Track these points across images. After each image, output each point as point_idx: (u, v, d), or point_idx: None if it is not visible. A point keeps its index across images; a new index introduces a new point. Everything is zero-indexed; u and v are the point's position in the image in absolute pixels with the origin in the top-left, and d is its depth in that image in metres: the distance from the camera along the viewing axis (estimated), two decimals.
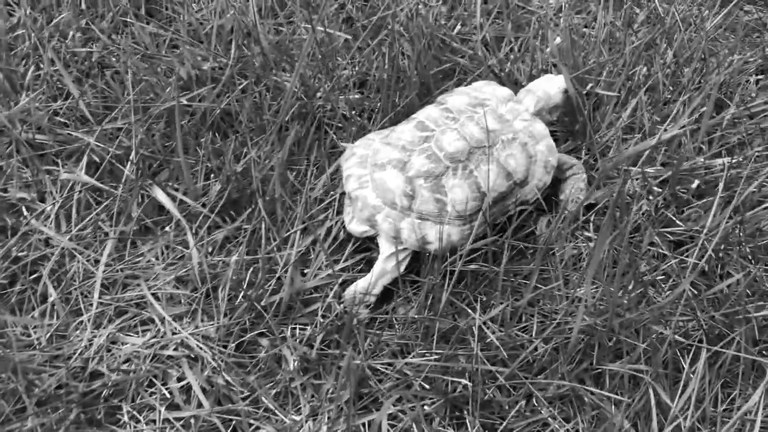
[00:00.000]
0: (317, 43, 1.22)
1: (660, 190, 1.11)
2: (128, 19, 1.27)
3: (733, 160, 1.11)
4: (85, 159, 1.11)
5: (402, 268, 1.03)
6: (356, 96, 1.22)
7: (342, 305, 1.01)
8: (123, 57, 1.19)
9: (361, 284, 1.01)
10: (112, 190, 1.08)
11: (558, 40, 1.30)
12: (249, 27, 1.27)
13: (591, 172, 1.14)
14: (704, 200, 1.10)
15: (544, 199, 1.09)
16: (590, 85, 1.21)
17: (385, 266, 1.02)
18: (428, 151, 1.04)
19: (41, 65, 1.21)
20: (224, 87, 1.20)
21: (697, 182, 1.09)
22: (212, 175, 1.12)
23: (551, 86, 1.16)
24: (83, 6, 1.30)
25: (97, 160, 1.12)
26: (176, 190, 1.10)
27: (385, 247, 1.03)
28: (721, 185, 1.05)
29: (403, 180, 1.02)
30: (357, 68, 1.26)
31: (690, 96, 1.19)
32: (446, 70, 1.27)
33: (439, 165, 1.03)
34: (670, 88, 1.24)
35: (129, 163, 1.09)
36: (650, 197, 1.10)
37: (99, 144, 1.11)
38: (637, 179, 1.11)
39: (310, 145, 1.16)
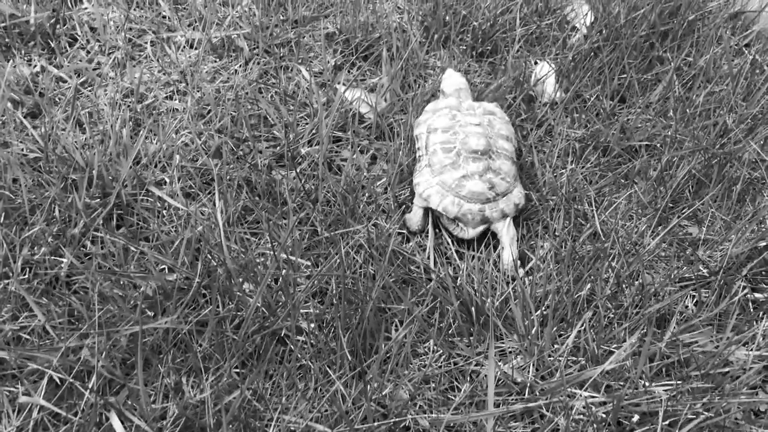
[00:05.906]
0: (279, 268, 1.28)
1: (604, 416, 1.16)
2: (99, 233, 1.32)
3: (672, 393, 1.17)
4: (45, 380, 1.13)
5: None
6: (316, 311, 1.27)
7: (510, 274, 1.37)
8: (91, 277, 1.23)
9: (509, 256, 1.38)
10: (71, 417, 1.09)
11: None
12: (214, 246, 1.32)
13: (538, 395, 1.19)
14: (646, 428, 1.16)
15: None
16: (541, 310, 1.29)
17: (509, 233, 1.40)
18: (470, 157, 1.43)
19: (10, 275, 1.25)
20: (189, 301, 1.24)
21: (637, 416, 1.14)
22: (170, 396, 1.14)
23: (458, 77, 1.65)
24: (56, 213, 1.35)
25: (57, 381, 1.13)
26: (135, 409, 1.12)
27: (501, 225, 1.42)
28: (660, 420, 1.10)
29: (481, 181, 1.41)
30: (317, 282, 1.31)
31: (630, 324, 1.27)
32: (400, 281, 1.34)
33: (483, 160, 1.43)
34: (613, 310, 1.31)
35: (89, 389, 1.11)
36: (594, 425, 1.14)
37: (59, 374, 1.13)
38: (583, 407, 1.16)
39: (269, 360, 1.20)
